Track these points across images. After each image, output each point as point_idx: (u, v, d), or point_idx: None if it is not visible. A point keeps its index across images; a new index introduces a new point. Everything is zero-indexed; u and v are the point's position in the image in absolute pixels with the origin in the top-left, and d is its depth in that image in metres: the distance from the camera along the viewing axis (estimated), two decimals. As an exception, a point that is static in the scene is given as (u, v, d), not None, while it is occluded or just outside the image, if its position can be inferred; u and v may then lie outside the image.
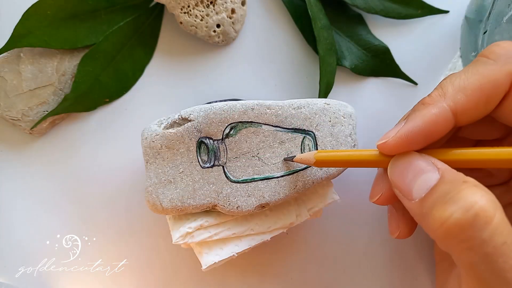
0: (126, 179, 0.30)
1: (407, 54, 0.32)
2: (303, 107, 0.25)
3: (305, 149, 0.25)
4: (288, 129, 0.25)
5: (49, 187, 0.30)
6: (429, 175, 0.19)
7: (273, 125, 0.24)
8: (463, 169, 0.20)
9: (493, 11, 0.27)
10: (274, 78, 0.32)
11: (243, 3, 0.31)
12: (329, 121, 0.25)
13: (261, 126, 0.24)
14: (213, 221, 0.24)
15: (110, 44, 0.30)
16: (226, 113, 0.24)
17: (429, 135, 0.20)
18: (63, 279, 0.29)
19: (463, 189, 0.18)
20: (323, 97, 0.30)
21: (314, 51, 0.32)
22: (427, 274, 0.30)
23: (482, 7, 0.29)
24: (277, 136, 0.25)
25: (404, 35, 0.32)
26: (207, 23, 0.30)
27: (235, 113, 0.24)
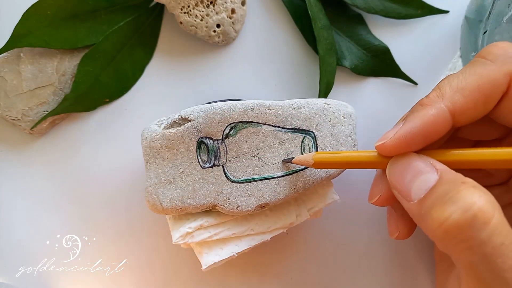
0: (126, 179, 0.30)
1: (407, 54, 0.32)
2: (303, 107, 0.25)
3: (305, 149, 0.25)
4: (288, 129, 0.25)
5: (49, 187, 0.30)
6: (427, 176, 0.19)
7: (273, 125, 0.24)
8: (463, 169, 0.20)
9: (493, 11, 0.27)
10: (274, 78, 0.32)
11: (243, 3, 0.31)
12: (329, 121, 0.25)
13: (261, 126, 0.24)
14: (213, 221, 0.24)
15: (110, 44, 0.30)
16: (226, 113, 0.24)
17: (427, 136, 0.20)
18: (63, 279, 0.29)
19: (462, 189, 0.18)
20: (323, 97, 0.30)
21: (314, 51, 0.32)
22: (427, 274, 0.30)
23: (482, 7, 0.29)
24: (277, 136, 0.25)
25: (404, 35, 0.32)
26: (207, 23, 0.30)
27: (235, 113, 0.24)
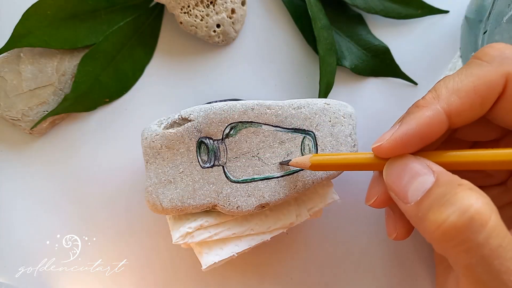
0: (126, 179, 0.30)
1: (407, 54, 0.32)
2: (303, 107, 0.25)
3: (305, 149, 0.25)
4: (288, 129, 0.25)
5: (49, 187, 0.30)
6: (424, 178, 0.19)
7: (273, 125, 0.24)
8: (462, 170, 0.20)
9: (493, 11, 0.27)
10: (274, 78, 0.32)
11: (243, 3, 0.31)
12: (329, 121, 0.25)
13: (261, 126, 0.24)
14: (213, 221, 0.24)
15: (110, 44, 0.30)
16: (226, 113, 0.24)
17: (423, 138, 0.20)
18: (63, 279, 0.29)
19: (459, 192, 0.18)
20: (323, 97, 0.30)
21: (314, 51, 0.32)
22: (427, 274, 0.30)
23: (482, 7, 0.29)
24: (277, 136, 0.25)
25: (404, 35, 0.32)
26: (207, 23, 0.30)
27: (235, 113, 0.24)
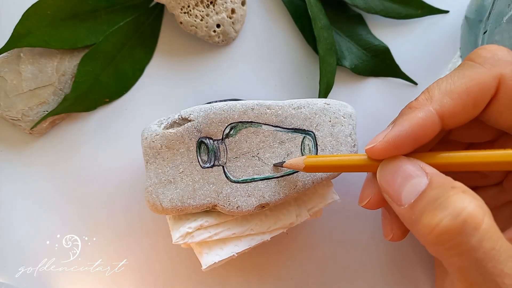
0: (126, 179, 0.30)
1: (407, 54, 0.32)
2: (303, 107, 0.25)
3: (305, 149, 0.25)
4: (288, 129, 0.25)
5: (49, 187, 0.30)
6: (417, 180, 0.19)
7: (273, 125, 0.24)
8: (456, 171, 0.20)
9: (493, 11, 0.27)
10: (274, 78, 0.32)
11: (243, 3, 0.31)
12: (329, 121, 0.25)
13: (261, 126, 0.24)
14: (213, 221, 0.24)
15: (110, 44, 0.30)
16: (226, 113, 0.24)
17: (416, 139, 0.20)
18: (63, 279, 0.29)
19: (452, 195, 0.18)
20: (323, 97, 0.30)
21: (314, 51, 0.32)
22: (426, 274, 0.30)
23: (482, 7, 0.29)
24: (277, 136, 0.25)
25: (404, 35, 0.32)
26: (207, 23, 0.30)
27: (235, 113, 0.24)
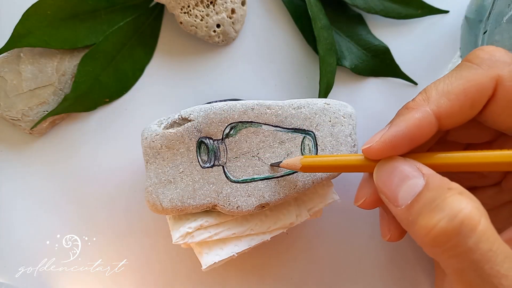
0: (126, 179, 0.30)
1: (407, 54, 0.32)
2: (303, 107, 0.25)
3: (305, 149, 0.25)
4: (288, 129, 0.25)
5: (49, 187, 0.30)
6: (414, 181, 0.19)
7: (273, 125, 0.24)
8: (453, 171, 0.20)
9: (493, 11, 0.27)
10: (274, 78, 0.32)
11: (243, 3, 0.31)
12: (329, 121, 0.25)
13: (261, 126, 0.24)
14: (213, 221, 0.24)
15: (110, 44, 0.30)
16: (226, 113, 0.24)
17: (413, 140, 0.20)
18: (63, 279, 0.29)
19: (448, 196, 0.18)
20: (323, 97, 0.30)
21: (314, 51, 0.32)
22: (426, 274, 0.30)
23: (482, 7, 0.29)
24: (277, 136, 0.25)
25: (404, 35, 0.32)
26: (207, 23, 0.30)
27: (235, 113, 0.24)
